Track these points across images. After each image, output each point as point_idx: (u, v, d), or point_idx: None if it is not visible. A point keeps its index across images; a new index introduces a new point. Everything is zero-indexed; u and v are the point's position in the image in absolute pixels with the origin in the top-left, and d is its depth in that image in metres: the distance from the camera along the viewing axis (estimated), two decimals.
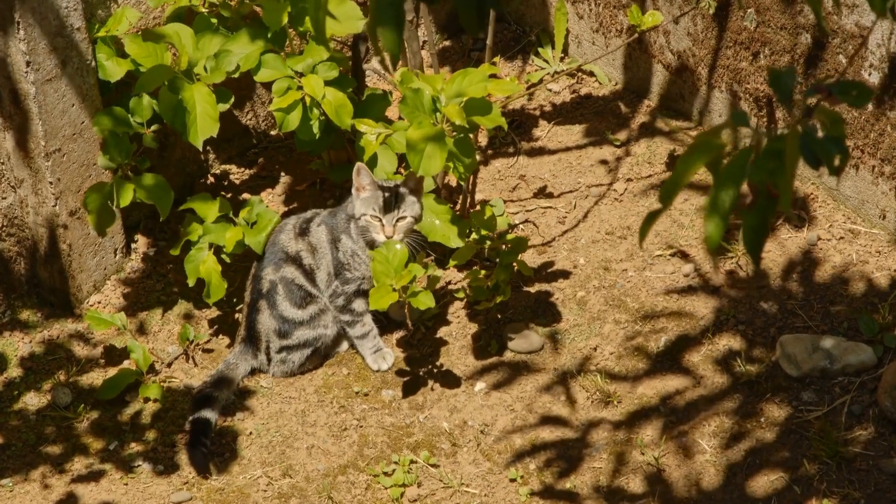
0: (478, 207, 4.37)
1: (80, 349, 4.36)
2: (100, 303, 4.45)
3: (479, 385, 4.18)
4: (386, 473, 3.96)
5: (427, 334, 4.34)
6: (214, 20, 4.20)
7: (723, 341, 4.15)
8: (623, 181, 4.68)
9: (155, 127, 4.18)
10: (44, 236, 4.34)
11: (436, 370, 4.24)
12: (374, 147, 4.14)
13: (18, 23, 3.98)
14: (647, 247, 4.44)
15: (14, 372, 4.31)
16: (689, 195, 4.59)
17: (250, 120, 4.87)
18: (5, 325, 4.42)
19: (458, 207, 4.49)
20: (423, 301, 3.95)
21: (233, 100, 4.19)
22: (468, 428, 4.06)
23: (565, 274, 4.42)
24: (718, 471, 3.86)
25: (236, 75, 4.13)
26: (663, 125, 4.84)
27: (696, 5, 4.57)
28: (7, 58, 4.06)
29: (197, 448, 4.03)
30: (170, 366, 4.33)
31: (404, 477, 3.93)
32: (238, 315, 4.40)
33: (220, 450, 4.08)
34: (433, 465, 3.98)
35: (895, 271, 4.24)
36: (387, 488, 3.93)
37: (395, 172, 4.22)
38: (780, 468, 3.83)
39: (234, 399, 4.20)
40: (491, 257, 4.33)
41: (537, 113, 4.98)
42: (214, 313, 4.44)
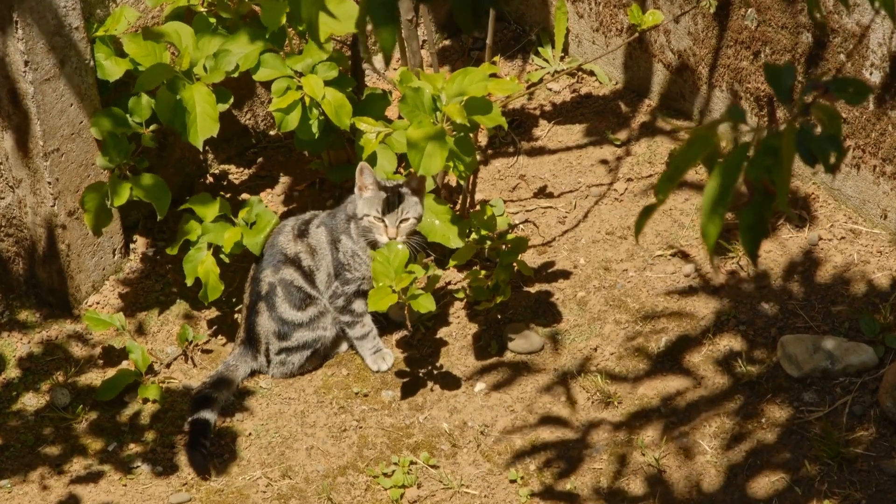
0: (478, 207, 4.36)
1: (79, 350, 4.35)
2: (98, 303, 4.44)
3: (479, 385, 4.17)
4: (385, 474, 3.96)
5: (427, 335, 4.32)
6: (213, 20, 4.19)
7: (723, 342, 4.14)
8: (623, 181, 4.66)
9: (153, 127, 4.17)
10: (42, 236, 4.33)
11: (436, 371, 4.22)
12: (373, 146, 4.13)
13: (17, 22, 3.97)
14: (648, 247, 4.43)
15: (12, 372, 4.30)
16: (690, 195, 4.58)
17: (249, 120, 4.86)
18: (4, 326, 4.41)
19: (457, 207, 4.48)
20: (424, 304, 3.94)
21: (232, 100, 4.18)
22: (468, 429, 4.05)
23: (565, 274, 4.41)
24: (719, 472, 3.85)
25: (235, 75, 4.12)
26: (664, 124, 4.82)
27: (697, 4, 4.55)
28: (5, 57, 4.05)
29: (197, 449, 4.02)
30: (169, 366, 4.32)
31: (404, 478, 3.93)
32: (237, 315, 4.39)
33: (220, 451, 4.07)
34: (433, 466, 3.97)
35: None
36: (386, 489, 3.92)
37: (395, 172, 4.21)
38: (781, 469, 3.82)
39: (234, 400, 4.19)
40: (491, 257, 4.32)
41: (537, 112, 4.97)
42: (213, 314, 4.43)
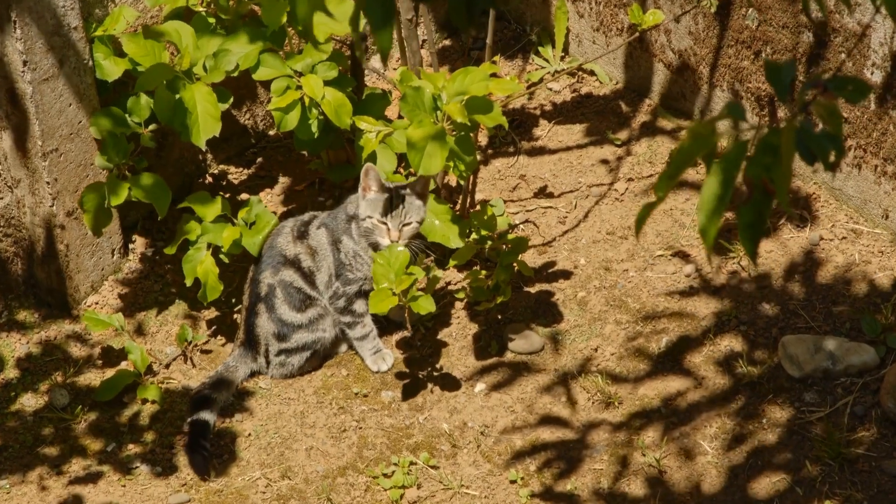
0: (478, 207, 4.35)
1: (78, 350, 4.34)
2: (97, 303, 4.43)
3: (480, 386, 4.16)
4: (385, 475, 3.95)
5: (427, 335, 4.31)
6: (212, 20, 4.18)
7: (724, 342, 4.13)
8: (624, 181, 4.65)
9: (153, 127, 4.16)
10: (41, 237, 4.32)
11: (436, 371, 4.21)
12: (373, 145, 4.12)
13: (15, 22, 3.96)
14: (649, 247, 4.42)
15: (11, 373, 4.29)
16: (690, 195, 4.57)
17: (248, 120, 4.85)
18: (2, 326, 4.40)
19: (457, 207, 4.47)
20: (424, 306, 3.93)
21: (232, 99, 4.17)
22: (468, 429, 4.04)
23: (566, 274, 4.40)
24: (720, 472, 3.84)
25: (235, 74, 4.11)
26: (665, 123, 4.81)
27: (698, 4, 4.54)
28: (4, 57, 4.04)
29: (197, 451, 4.01)
30: (168, 367, 4.31)
31: (404, 478, 3.92)
32: (236, 316, 4.38)
33: (219, 451, 4.06)
34: (433, 467, 3.96)
35: None
36: (386, 490, 3.91)
37: (395, 172, 4.20)
38: (783, 470, 3.81)
39: (233, 400, 4.18)
40: (491, 257, 4.31)
41: (538, 112, 4.96)
42: (213, 314, 4.42)
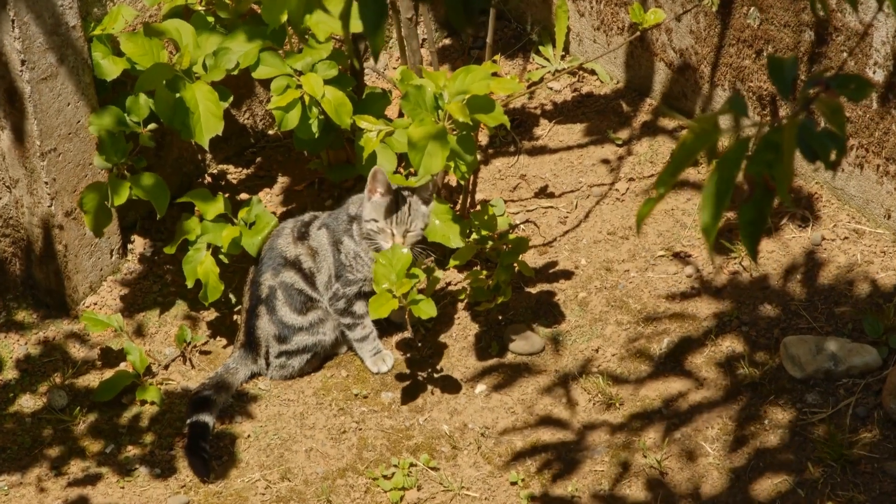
0: (478, 207, 4.33)
1: (77, 351, 4.33)
2: (96, 304, 4.42)
3: (480, 387, 4.15)
4: (385, 476, 3.93)
5: (427, 336, 4.30)
6: (211, 19, 4.17)
7: (726, 343, 4.12)
8: (625, 181, 4.64)
9: (152, 126, 4.14)
10: (39, 237, 4.31)
11: (436, 372, 4.20)
12: (373, 145, 4.10)
13: (13, 21, 3.95)
14: (650, 247, 4.41)
15: (9, 374, 4.27)
16: (692, 195, 4.56)
17: (248, 119, 4.83)
18: (1, 327, 4.39)
19: (458, 207, 4.46)
20: (425, 310, 3.91)
21: (231, 98, 4.16)
22: (468, 430, 4.03)
23: (567, 274, 4.38)
24: (722, 474, 3.83)
25: (235, 73, 4.09)
26: (667, 122, 4.79)
27: (699, 3, 4.53)
28: (2, 56, 4.03)
29: (196, 454, 3.99)
30: (167, 368, 4.29)
31: (404, 480, 3.90)
32: (236, 317, 4.37)
33: (218, 453, 4.04)
34: (433, 468, 3.95)
35: None
36: (386, 491, 3.90)
37: (395, 172, 4.18)
38: (784, 471, 3.80)
39: (232, 402, 4.17)
40: (491, 258, 4.29)
41: (538, 112, 4.94)
42: (212, 315, 4.41)
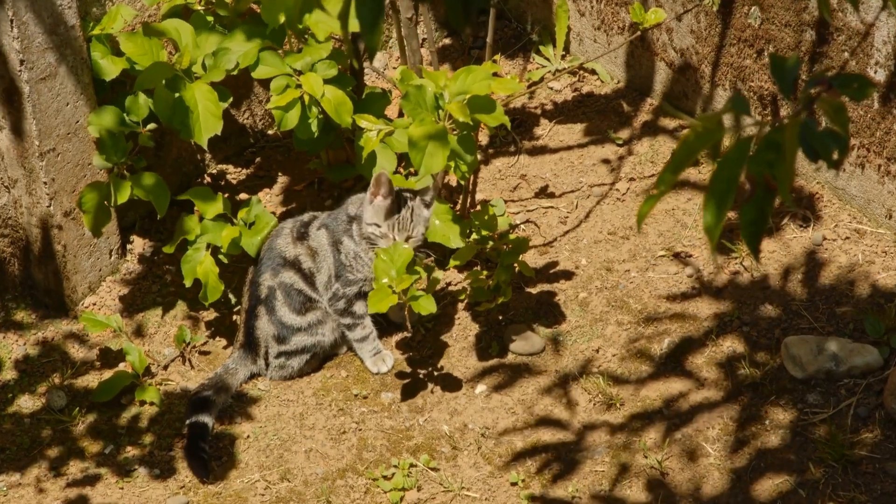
0: (478, 207, 4.32)
1: (76, 351, 4.32)
2: (95, 304, 4.41)
3: (480, 387, 4.14)
4: (385, 477, 3.92)
5: (427, 336, 4.29)
6: (210, 18, 4.16)
7: (727, 343, 4.11)
8: (626, 180, 4.63)
9: (151, 126, 4.14)
10: (38, 237, 4.30)
11: (436, 372, 4.19)
12: (373, 145, 4.09)
13: (12, 20, 3.94)
14: (650, 247, 4.40)
15: (8, 374, 4.27)
16: (692, 195, 4.55)
17: (247, 119, 4.82)
18: None
19: (458, 207, 4.45)
20: (425, 306, 3.90)
21: (231, 98, 4.15)
22: (469, 431, 4.02)
23: (567, 275, 4.37)
24: (723, 474, 3.82)
25: (235, 73, 4.09)
26: (668, 122, 4.78)
27: (700, 2, 4.52)
28: (0, 56, 4.01)
29: (196, 455, 3.98)
30: (166, 368, 4.28)
31: (404, 481, 3.90)
32: (235, 317, 4.36)
33: (218, 453, 4.03)
34: (433, 469, 3.94)
35: None
36: (386, 492, 3.89)
37: (395, 172, 4.17)
38: (786, 471, 3.79)
39: (232, 402, 4.16)
40: (492, 258, 4.28)
41: (538, 111, 4.93)
42: (211, 315, 4.40)
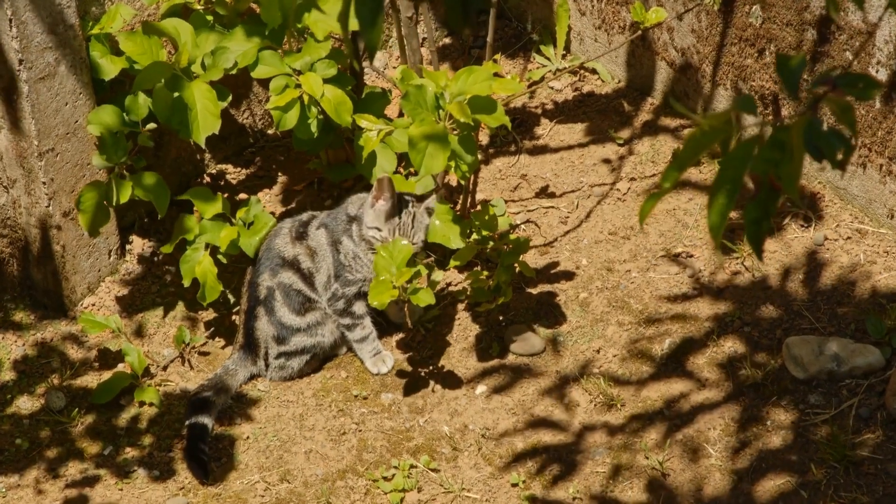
0: (479, 207, 4.31)
1: (74, 352, 4.31)
2: (94, 305, 4.39)
3: (481, 388, 4.13)
4: (385, 478, 3.91)
5: (427, 336, 4.28)
6: (210, 17, 4.15)
7: (728, 343, 4.10)
8: (626, 180, 4.62)
9: (151, 126, 4.13)
10: (37, 237, 4.29)
11: (436, 373, 4.18)
12: (373, 144, 4.08)
13: (11, 20, 3.93)
14: (651, 247, 4.39)
15: (7, 375, 4.26)
16: (694, 195, 4.53)
17: (247, 119, 4.81)
18: None
19: (458, 207, 4.44)
20: (424, 298, 3.89)
21: (230, 98, 4.14)
22: (469, 432, 4.01)
23: (568, 275, 4.36)
24: (724, 475, 3.80)
25: (234, 72, 4.08)
26: (669, 121, 4.77)
27: (701, 2, 4.51)
28: None
29: (196, 457, 3.97)
30: (165, 369, 4.27)
31: (404, 482, 3.89)
32: (235, 317, 4.35)
33: (217, 454, 4.02)
34: (433, 470, 3.92)
35: None
36: (386, 493, 3.88)
37: (395, 172, 4.16)
38: (787, 472, 3.78)
39: (231, 403, 4.15)
40: (492, 258, 4.27)
41: (539, 111, 4.92)
42: (211, 315, 4.39)
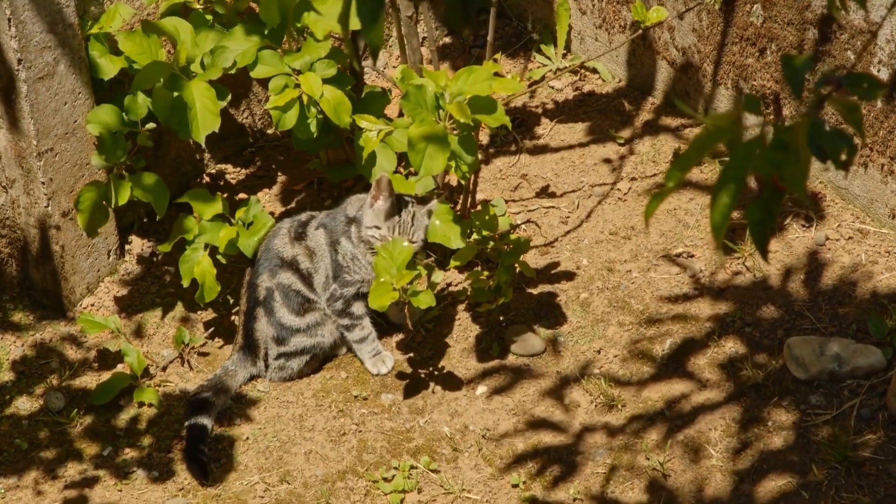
0: (479, 207, 4.31)
1: (74, 352, 4.30)
2: (93, 305, 4.39)
3: (481, 388, 4.12)
4: (385, 479, 3.91)
5: (427, 337, 4.27)
6: (209, 17, 4.14)
7: (729, 344, 4.09)
8: (627, 180, 4.61)
9: (150, 125, 4.12)
10: (36, 237, 4.28)
11: (436, 373, 4.17)
12: (373, 144, 4.07)
13: (10, 19, 3.92)
14: (652, 247, 4.38)
15: (5, 375, 4.25)
16: (694, 195, 4.53)
17: (246, 118, 4.80)
18: None
19: (458, 207, 4.43)
20: (424, 300, 3.88)
21: (230, 97, 4.14)
22: (469, 432, 4.00)
23: (568, 275, 4.35)
24: (725, 476, 3.80)
25: (233, 71, 4.07)
26: (670, 121, 4.77)
27: (702, 1, 4.50)
28: None
29: (195, 458, 3.96)
30: (164, 369, 4.26)
31: (404, 483, 3.88)
32: (234, 318, 4.34)
33: (217, 455, 4.02)
34: (434, 471, 3.92)
35: None
36: (386, 494, 3.87)
37: (395, 172, 4.15)
38: (788, 473, 3.77)
39: (231, 404, 4.14)
40: (492, 258, 4.27)
41: (539, 111, 4.91)
42: (210, 315, 4.38)
